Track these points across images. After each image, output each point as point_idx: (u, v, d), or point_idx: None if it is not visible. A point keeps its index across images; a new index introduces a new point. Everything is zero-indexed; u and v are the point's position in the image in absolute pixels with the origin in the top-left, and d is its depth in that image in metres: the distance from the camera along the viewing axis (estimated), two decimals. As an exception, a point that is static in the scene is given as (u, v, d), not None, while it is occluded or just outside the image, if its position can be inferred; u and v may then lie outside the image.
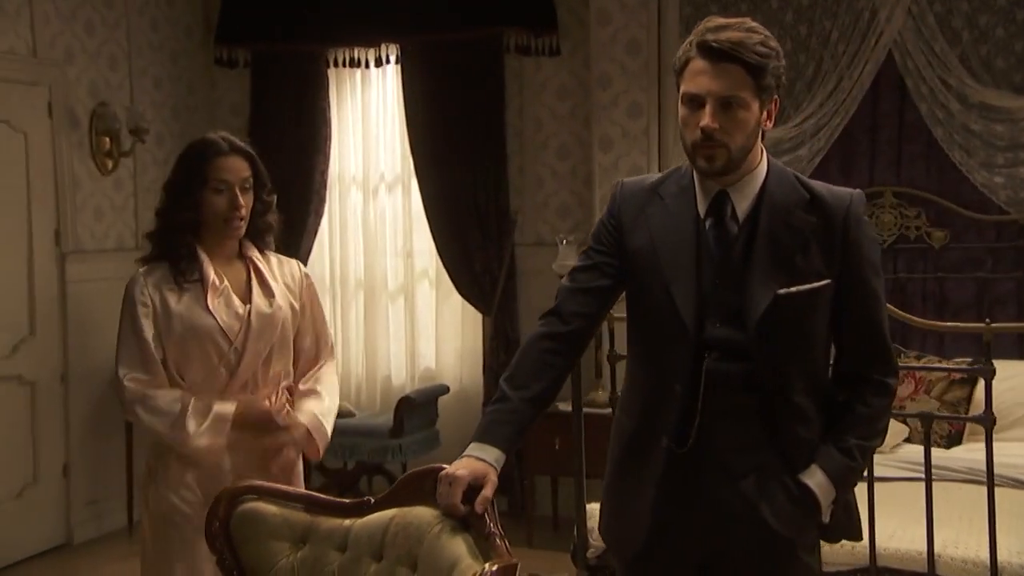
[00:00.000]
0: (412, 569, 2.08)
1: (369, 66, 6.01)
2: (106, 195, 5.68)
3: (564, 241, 5.36)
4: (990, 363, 3.11)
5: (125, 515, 5.57)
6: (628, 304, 2.23)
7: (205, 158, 2.73)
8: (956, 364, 4.61)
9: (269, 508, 2.29)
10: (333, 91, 6.08)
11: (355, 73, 6.09)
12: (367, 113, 6.13)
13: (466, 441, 2.10)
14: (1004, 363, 4.26)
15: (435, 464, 2.12)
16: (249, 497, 2.30)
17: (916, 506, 3.35)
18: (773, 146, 5.08)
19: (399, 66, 5.89)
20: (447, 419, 5.78)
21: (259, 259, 2.86)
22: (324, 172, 6.04)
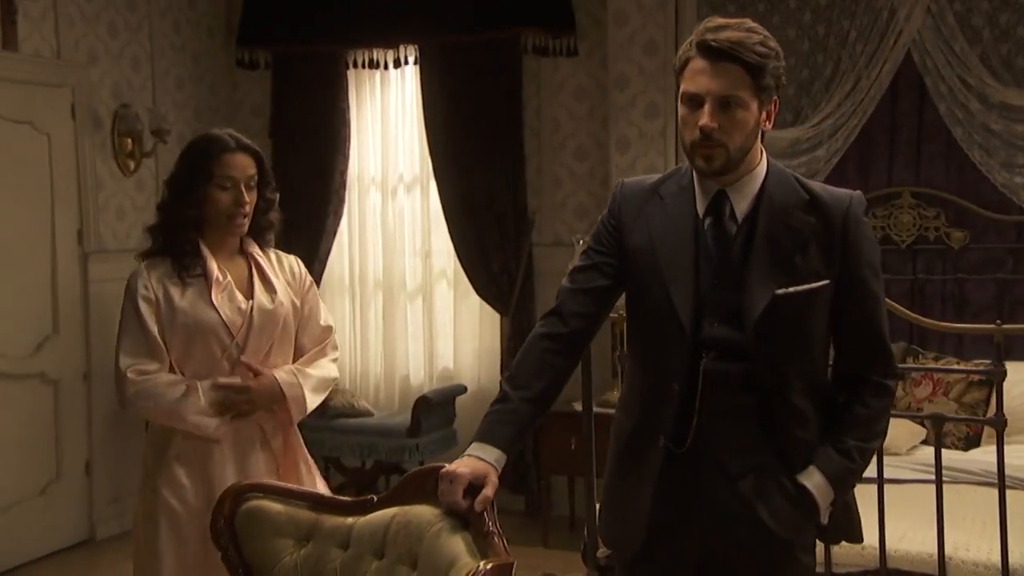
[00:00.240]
0: (412, 567, 2.09)
1: (388, 67, 6.04)
2: (128, 195, 5.74)
3: (581, 241, 5.35)
4: (1000, 365, 3.08)
5: (146, 512, 5.62)
6: (627, 304, 2.23)
7: (212, 154, 2.73)
8: (975, 366, 4.56)
9: (274, 506, 2.31)
10: (352, 92, 6.10)
11: (374, 74, 6.12)
12: (386, 114, 6.16)
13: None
14: (1020, 365, 4.23)
15: (436, 463, 2.14)
16: (254, 495, 2.33)
17: (929, 508, 3.32)
18: (791, 146, 5.05)
19: (418, 67, 5.91)
20: (464, 419, 5.79)
21: (260, 255, 2.87)
22: (343, 172, 6.07)
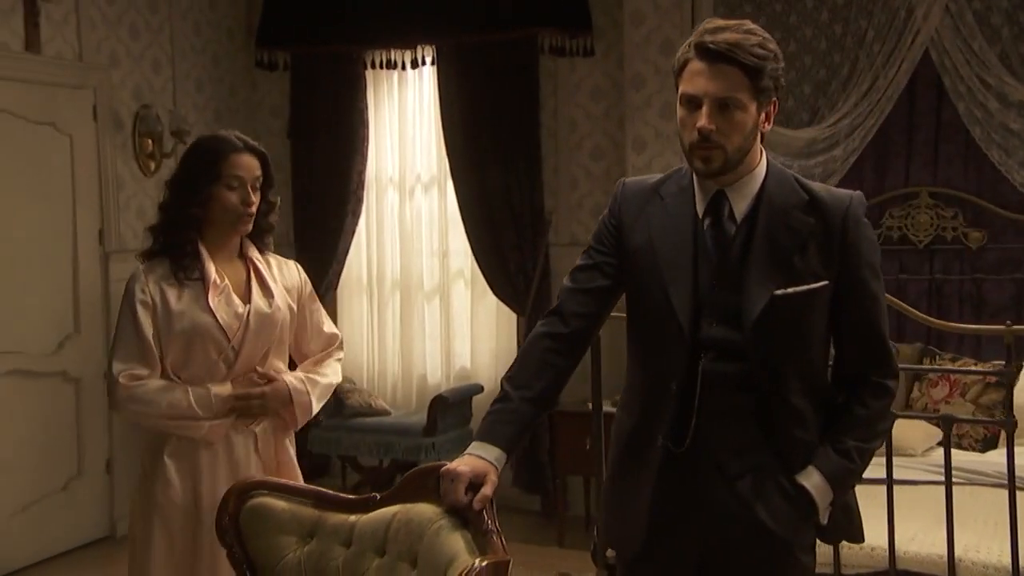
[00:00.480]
0: (412, 564, 2.12)
1: (406, 68, 6.06)
2: (148, 195, 5.79)
3: (596, 242, 5.36)
4: (1011, 366, 3.06)
5: (166, 509, 5.68)
6: (627, 303, 2.23)
7: (220, 155, 2.73)
8: (992, 367, 4.53)
9: (278, 503, 2.34)
10: (370, 92, 6.14)
11: (392, 75, 6.15)
12: (403, 114, 6.19)
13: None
14: (1036, 366, 4.21)
15: (438, 462, 2.16)
16: (259, 492, 2.36)
17: (941, 510, 3.29)
18: (807, 146, 5.03)
19: (435, 67, 5.93)
20: (481, 418, 5.79)
21: (259, 259, 2.87)
22: (361, 173, 6.10)
